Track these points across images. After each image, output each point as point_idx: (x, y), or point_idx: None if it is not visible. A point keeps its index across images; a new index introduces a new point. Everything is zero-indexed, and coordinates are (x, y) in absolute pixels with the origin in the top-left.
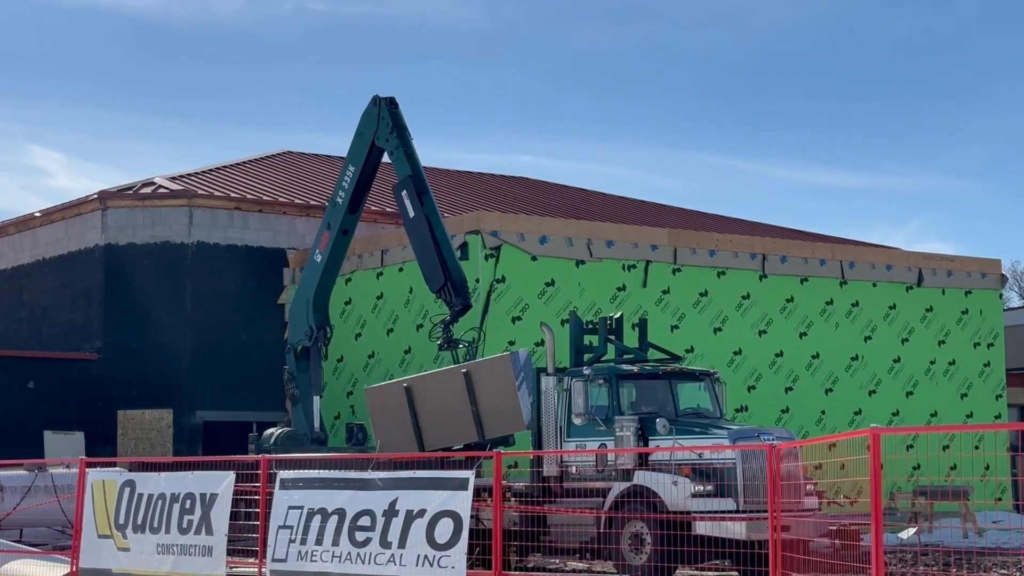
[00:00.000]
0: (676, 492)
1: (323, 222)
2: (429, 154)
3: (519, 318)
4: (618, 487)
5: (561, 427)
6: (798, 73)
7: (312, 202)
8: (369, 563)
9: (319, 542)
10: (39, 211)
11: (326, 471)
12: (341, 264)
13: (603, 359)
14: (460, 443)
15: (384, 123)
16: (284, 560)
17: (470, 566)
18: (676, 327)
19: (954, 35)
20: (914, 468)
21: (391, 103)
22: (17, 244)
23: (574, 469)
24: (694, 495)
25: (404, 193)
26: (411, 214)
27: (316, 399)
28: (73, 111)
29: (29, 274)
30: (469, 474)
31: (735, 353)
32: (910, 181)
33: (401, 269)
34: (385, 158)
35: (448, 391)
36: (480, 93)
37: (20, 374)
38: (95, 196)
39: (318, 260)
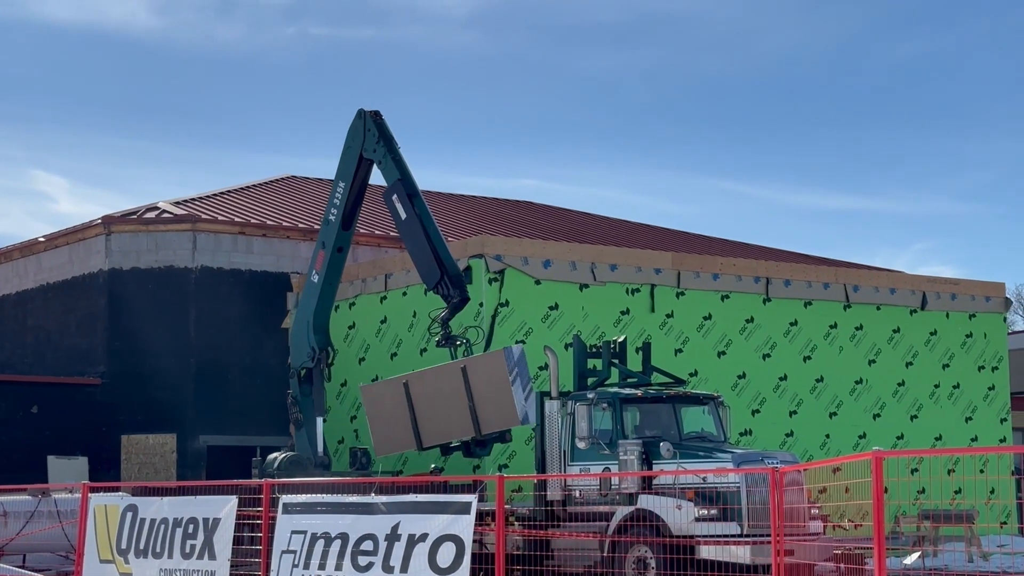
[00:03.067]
0: (680, 516)
1: (318, 242)
2: (432, 178)
3: (523, 342)
4: (622, 511)
5: (565, 451)
6: (802, 97)
7: (315, 226)
8: None
9: (322, 567)
10: (43, 236)
11: (329, 495)
12: (338, 283)
13: (607, 383)
14: (457, 438)
15: (371, 134)
16: None
17: None
18: (680, 351)
19: (957, 60)
20: (919, 492)
21: (376, 115)
22: (21, 269)
23: (578, 493)
24: (698, 519)
25: (395, 197)
26: (403, 216)
27: (319, 421)
28: (76, 136)
29: (33, 299)
30: (472, 498)
31: (739, 377)
32: (913, 205)
33: (405, 293)
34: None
35: (445, 387)
36: (483, 117)
37: (24, 399)
38: (99, 221)
39: (315, 280)
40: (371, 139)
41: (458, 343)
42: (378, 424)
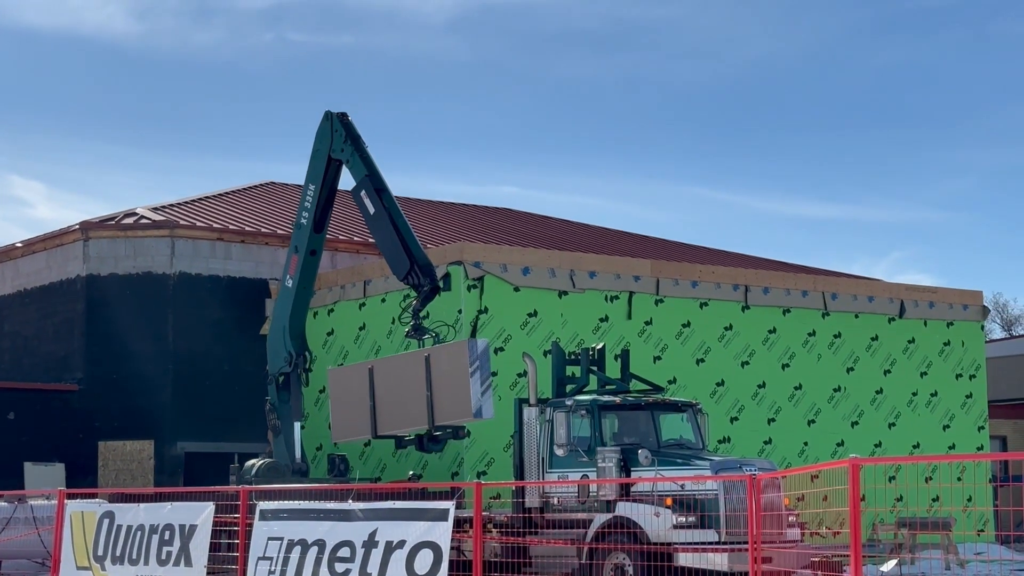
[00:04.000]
0: (658, 523)
1: (291, 246)
2: (410, 185)
3: (502, 349)
4: (600, 518)
5: (543, 458)
6: (780, 105)
7: None
8: None
9: (299, 573)
10: (20, 242)
11: (306, 502)
12: (313, 287)
13: (585, 390)
14: (410, 429)
15: (338, 135)
16: None
17: None
18: (659, 358)
19: (935, 67)
20: (897, 499)
21: (342, 116)
22: None
23: (556, 500)
24: (676, 526)
25: (363, 193)
26: (371, 211)
27: (297, 426)
28: (53, 141)
29: (10, 305)
30: (450, 505)
31: (718, 384)
32: (891, 213)
33: (384, 300)
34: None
35: (407, 375)
36: (462, 124)
37: (1, 405)
38: (77, 226)
39: (290, 285)
40: (338, 139)
41: (426, 335)
42: (339, 408)
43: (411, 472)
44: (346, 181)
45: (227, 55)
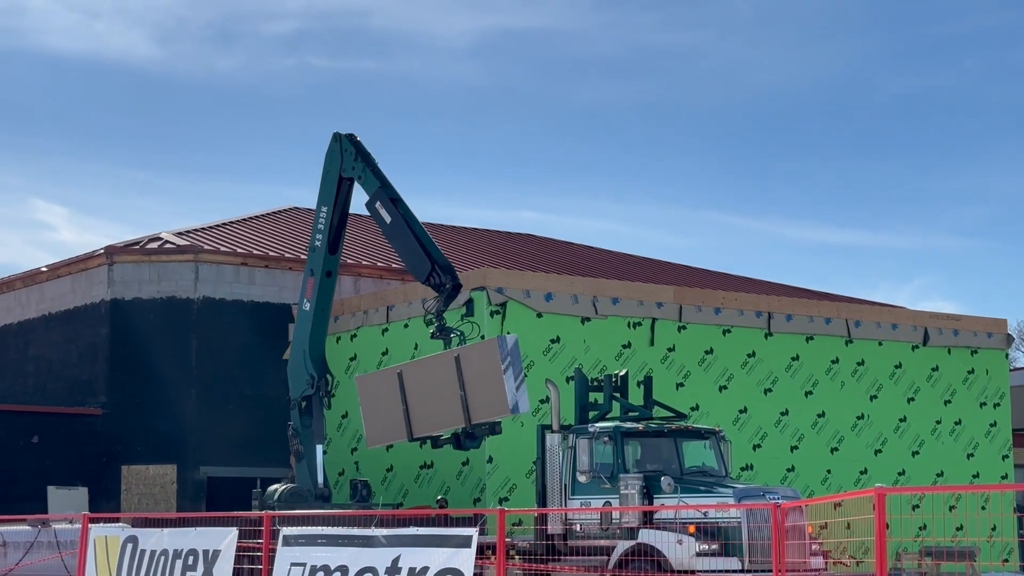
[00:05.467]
0: (681, 551)
1: (306, 270)
2: (431, 210)
3: (524, 375)
4: (623, 545)
5: (566, 484)
6: (801, 131)
7: None
8: None
9: None
10: (45, 266)
11: (329, 528)
12: (330, 309)
13: (608, 417)
14: (448, 429)
15: (348, 154)
16: None
17: None
18: (681, 385)
19: (957, 95)
20: (920, 528)
21: (350, 136)
22: (24, 299)
23: (578, 527)
24: (699, 554)
25: (378, 204)
26: (388, 220)
27: (319, 449)
28: (76, 165)
29: (35, 329)
30: (472, 531)
31: (740, 411)
32: (914, 240)
33: (406, 325)
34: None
35: (438, 376)
36: (482, 149)
37: (25, 429)
38: (102, 251)
39: (307, 309)
40: (348, 158)
41: (452, 335)
42: (371, 414)
43: (439, 498)
44: (358, 204)
45: (249, 80)
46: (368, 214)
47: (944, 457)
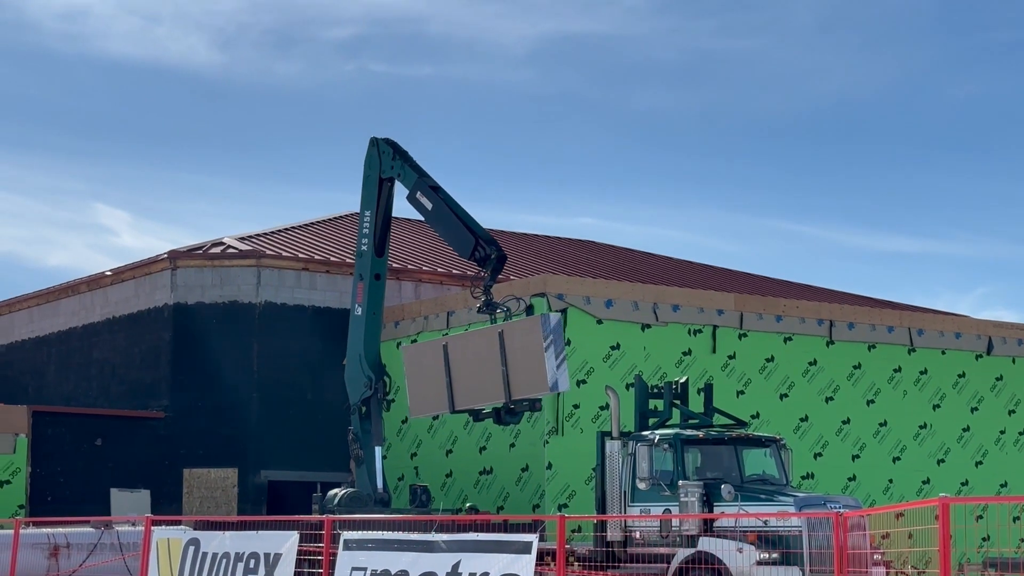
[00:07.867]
0: (741, 559)
1: (355, 275)
2: (491, 216)
3: (584, 381)
4: (682, 553)
5: (625, 491)
6: (862, 137)
7: None
8: None
9: None
10: (110, 270)
11: (389, 532)
12: (382, 311)
13: (668, 424)
14: (488, 403)
15: (386, 156)
16: None
17: None
18: (742, 392)
19: (1018, 101)
20: (983, 539)
21: (387, 139)
22: (88, 302)
23: (638, 534)
24: (759, 563)
25: (419, 194)
26: (429, 207)
27: (378, 451)
28: (138, 170)
29: (99, 332)
30: (533, 537)
31: (801, 419)
32: (975, 248)
33: (467, 330)
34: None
35: (482, 351)
36: (540, 155)
37: (88, 431)
38: (165, 255)
39: (359, 313)
40: (387, 159)
41: (498, 311)
42: (416, 385)
43: (468, 504)
44: (407, 210)
45: (308, 85)
46: (421, 218)
47: (1008, 467)
